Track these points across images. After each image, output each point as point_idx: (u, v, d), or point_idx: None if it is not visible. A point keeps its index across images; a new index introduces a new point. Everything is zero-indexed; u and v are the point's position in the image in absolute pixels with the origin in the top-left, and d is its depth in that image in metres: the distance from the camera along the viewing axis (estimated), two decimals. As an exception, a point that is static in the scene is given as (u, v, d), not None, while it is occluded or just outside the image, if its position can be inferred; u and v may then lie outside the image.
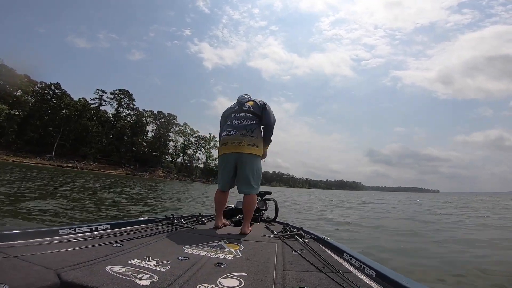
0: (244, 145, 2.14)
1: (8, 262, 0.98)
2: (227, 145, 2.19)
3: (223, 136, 2.26)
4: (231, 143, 2.17)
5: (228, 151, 2.18)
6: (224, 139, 2.24)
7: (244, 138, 2.16)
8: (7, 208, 4.51)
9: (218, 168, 2.32)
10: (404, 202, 20.15)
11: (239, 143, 2.15)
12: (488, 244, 4.48)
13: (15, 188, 7.65)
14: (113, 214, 5.38)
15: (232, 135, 2.19)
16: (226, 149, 2.20)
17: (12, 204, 4.91)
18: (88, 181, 15.54)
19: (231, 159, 2.18)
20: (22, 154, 40.14)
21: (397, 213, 10.42)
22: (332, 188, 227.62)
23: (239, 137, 2.17)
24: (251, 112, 2.26)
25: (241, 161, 2.16)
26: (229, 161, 2.19)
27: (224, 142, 2.23)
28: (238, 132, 2.19)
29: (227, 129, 2.25)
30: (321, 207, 12.32)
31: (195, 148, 69.32)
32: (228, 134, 2.22)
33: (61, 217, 4.33)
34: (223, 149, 2.22)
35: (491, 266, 3.07)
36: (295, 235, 1.92)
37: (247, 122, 2.23)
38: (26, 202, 5.18)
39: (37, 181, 11.05)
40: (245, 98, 2.38)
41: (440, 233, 5.56)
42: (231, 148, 2.16)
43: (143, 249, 1.34)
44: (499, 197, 48.06)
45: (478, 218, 8.99)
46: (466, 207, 15.45)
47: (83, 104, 51.37)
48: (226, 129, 2.26)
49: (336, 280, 1.06)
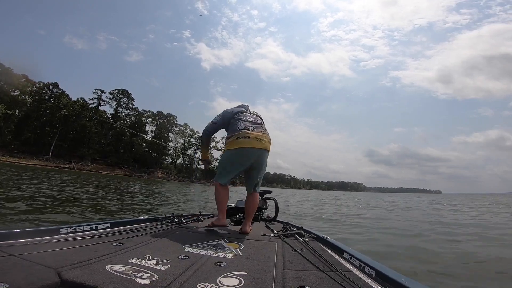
0: (266, 141, 2.12)
1: (8, 261, 0.98)
2: (248, 139, 2.05)
3: (242, 130, 2.10)
4: (253, 138, 2.06)
5: (250, 146, 2.05)
6: (243, 132, 2.09)
7: (265, 134, 2.15)
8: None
9: (227, 160, 2.15)
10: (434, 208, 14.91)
11: (261, 140, 2.08)
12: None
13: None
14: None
15: (255, 130, 2.11)
16: (248, 143, 2.05)
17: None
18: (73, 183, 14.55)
19: (251, 154, 2.07)
20: (19, 155, 39.86)
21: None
22: (333, 189, 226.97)
23: (261, 134, 2.11)
24: (260, 117, 2.33)
25: (262, 159, 2.13)
26: (249, 156, 2.08)
27: (244, 135, 2.07)
28: (258, 128, 2.15)
29: (244, 123, 2.14)
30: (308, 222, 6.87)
31: (195, 149, 69.16)
32: (248, 128, 2.11)
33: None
34: (243, 143, 2.06)
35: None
36: (295, 234, 1.92)
37: (260, 121, 2.26)
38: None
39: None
40: (246, 105, 2.41)
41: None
42: (254, 143, 2.05)
43: (143, 248, 1.34)
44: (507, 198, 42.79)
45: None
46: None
47: (81, 104, 51.07)
48: (243, 124, 2.14)
49: (336, 279, 1.06)
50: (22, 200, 5.50)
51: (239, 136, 2.09)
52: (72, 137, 48.47)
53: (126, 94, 58.43)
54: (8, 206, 4.50)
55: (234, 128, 2.15)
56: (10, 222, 3.49)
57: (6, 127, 40.73)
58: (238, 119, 2.20)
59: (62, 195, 7.48)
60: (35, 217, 4.04)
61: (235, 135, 2.12)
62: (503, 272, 3.02)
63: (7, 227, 2.90)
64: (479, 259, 3.54)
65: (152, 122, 63.43)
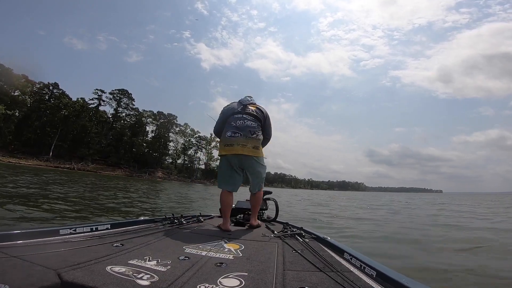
0: (250, 148, 2.19)
1: (8, 262, 0.98)
2: (232, 146, 2.18)
3: (227, 137, 2.22)
4: (236, 145, 2.17)
5: (234, 153, 2.18)
6: (229, 140, 2.21)
7: (249, 141, 2.20)
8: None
9: (221, 169, 2.31)
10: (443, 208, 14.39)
11: (245, 146, 2.17)
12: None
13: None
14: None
15: (237, 137, 2.19)
16: (231, 150, 2.19)
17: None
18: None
19: (236, 161, 2.21)
20: (19, 155, 39.83)
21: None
22: (334, 189, 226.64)
23: (245, 139, 2.19)
24: (254, 116, 2.30)
25: (249, 164, 2.23)
26: (235, 163, 2.22)
27: (229, 143, 2.20)
28: (243, 134, 2.20)
29: (231, 130, 2.23)
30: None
31: (196, 148, 69.18)
32: (233, 135, 2.20)
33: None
34: (227, 150, 2.21)
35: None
36: (296, 234, 1.92)
37: (250, 124, 2.25)
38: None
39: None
40: (247, 100, 2.40)
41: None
42: (237, 149, 2.17)
43: (144, 249, 1.34)
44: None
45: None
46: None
47: (81, 104, 51.07)
48: (230, 130, 2.24)
49: (337, 280, 1.06)
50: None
51: (225, 143, 2.23)
52: (72, 137, 48.50)
53: (126, 94, 58.45)
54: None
55: (223, 134, 2.29)
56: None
57: (6, 127, 40.71)
58: (228, 123, 2.29)
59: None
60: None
61: (222, 141, 2.28)
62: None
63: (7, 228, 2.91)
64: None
65: (152, 122, 63.39)
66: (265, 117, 2.36)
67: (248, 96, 2.46)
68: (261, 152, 2.32)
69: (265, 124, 2.37)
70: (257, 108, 2.36)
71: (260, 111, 2.35)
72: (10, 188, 7.86)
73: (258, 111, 2.34)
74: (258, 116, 2.31)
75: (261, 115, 2.33)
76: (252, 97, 2.48)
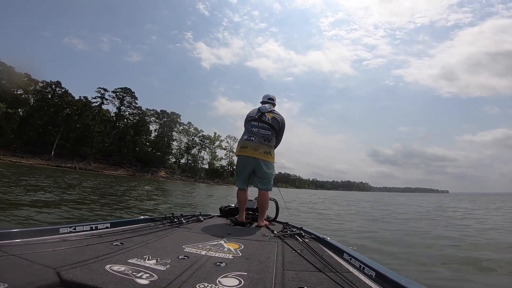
0: (261, 152, 2.48)
1: (7, 260, 0.98)
2: (246, 149, 2.50)
3: (244, 140, 2.54)
4: (250, 148, 2.48)
5: (247, 154, 2.48)
6: (244, 142, 2.53)
7: (261, 146, 2.48)
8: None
9: (237, 168, 2.61)
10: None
11: (257, 150, 2.47)
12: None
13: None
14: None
15: (252, 141, 2.49)
16: (245, 151, 2.49)
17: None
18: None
19: (249, 162, 2.50)
20: (21, 154, 39.84)
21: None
22: (338, 189, 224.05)
23: (258, 144, 2.48)
24: (269, 124, 2.54)
25: (259, 165, 2.49)
26: (248, 163, 2.51)
27: (244, 145, 2.52)
28: (257, 140, 2.49)
29: (247, 134, 2.54)
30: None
31: (199, 148, 68.76)
32: (249, 139, 2.51)
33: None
34: (242, 151, 2.51)
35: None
36: (295, 234, 1.92)
37: (264, 132, 2.52)
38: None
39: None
40: (265, 108, 2.62)
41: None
42: (249, 152, 2.47)
43: (143, 248, 1.35)
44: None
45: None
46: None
47: (84, 103, 51.01)
48: (246, 134, 2.55)
49: (336, 280, 1.06)
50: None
51: (241, 145, 2.56)
52: (74, 136, 48.51)
53: (129, 93, 58.12)
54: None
55: (241, 136, 2.63)
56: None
57: (8, 126, 40.81)
58: (246, 128, 2.60)
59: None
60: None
61: (239, 143, 2.62)
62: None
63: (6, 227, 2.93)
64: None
65: (155, 121, 63.16)
66: (280, 126, 2.59)
67: (269, 99, 2.73)
68: (272, 157, 2.55)
69: (279, 132, 2.62)
70: (274, 118, 2.58)
71: (276, 120, 2.57)
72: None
73: (274, 120, 2.56)
74: (273, 125, 2.55)
75: (276, 124, 2.56)
76: (273, 99, 2.75)
